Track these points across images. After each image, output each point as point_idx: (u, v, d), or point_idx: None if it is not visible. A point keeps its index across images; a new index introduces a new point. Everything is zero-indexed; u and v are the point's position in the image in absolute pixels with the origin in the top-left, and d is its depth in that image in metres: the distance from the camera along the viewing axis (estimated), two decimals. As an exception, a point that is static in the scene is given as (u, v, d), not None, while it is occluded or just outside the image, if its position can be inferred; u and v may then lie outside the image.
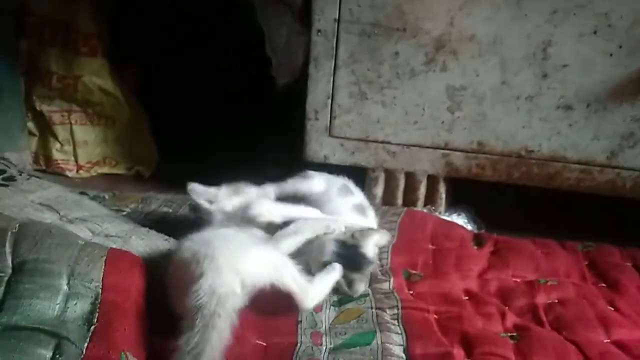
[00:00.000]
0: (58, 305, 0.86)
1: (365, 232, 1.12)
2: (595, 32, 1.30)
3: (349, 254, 1.08)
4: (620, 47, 1.30)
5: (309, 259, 1.08)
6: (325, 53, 1.41)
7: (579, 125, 1.38)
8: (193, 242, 0.96)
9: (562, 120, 1.38)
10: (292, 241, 1.07)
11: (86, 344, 0.81)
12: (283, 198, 1.18)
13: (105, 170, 1.83)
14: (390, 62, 1.39)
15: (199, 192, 1.16)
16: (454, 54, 1.37)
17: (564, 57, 1.34)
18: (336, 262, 1.06)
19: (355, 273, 1.09)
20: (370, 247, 1.11)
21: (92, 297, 0.89)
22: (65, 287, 0.89)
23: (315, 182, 1.24)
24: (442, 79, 1.39)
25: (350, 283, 1.08)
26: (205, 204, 1.15)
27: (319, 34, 1.39)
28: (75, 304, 0.87)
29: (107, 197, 1.50)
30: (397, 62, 1.39)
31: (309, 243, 1.09)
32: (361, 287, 1.10)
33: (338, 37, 1.39)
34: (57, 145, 1.77)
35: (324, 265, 1.07)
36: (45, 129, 1.76)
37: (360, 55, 1.40)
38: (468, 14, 1.33)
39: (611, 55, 1.31)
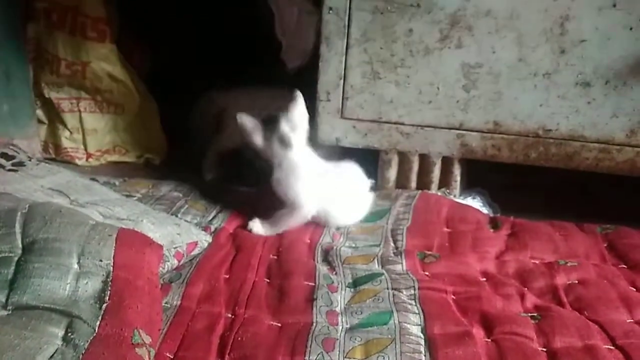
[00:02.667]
0: (69, 285, 0.85)
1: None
2: (614, 5, 1.26)
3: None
4: (641, 20, 1.27)
5: None
6: (337, 31, 1.38)
7: (597, 102, 1.34)
8: None
9: (580, 98, 1.35)
10: None
11: (98, 322, 0.80)
12: None
13: (115, 158, 1.82)
14: (404, 39, 1.36)
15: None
16: (469, 30, 1.33)
17: (582, 32, 1.30)
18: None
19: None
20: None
21: (103, 275, 0.87)
22: (76, 266, 0.88)
23: None
24: (457, 56, 1.36)
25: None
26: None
27: (331, 11, 1.36)
28: (87, 283, 0.86)
29: (117, 183, 1.49)
30: (411, 40, 1.36)
31: None
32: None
33: (350, 14, 1.36)
34: (67, 133, 1.76)
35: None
36: (54, 117, 1.75)
37: (373, 33, 1.37)
38: (484, -12, 1.30)
39: (631, 29, 1.27)
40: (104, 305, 0.83)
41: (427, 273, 1.14)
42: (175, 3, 1.80)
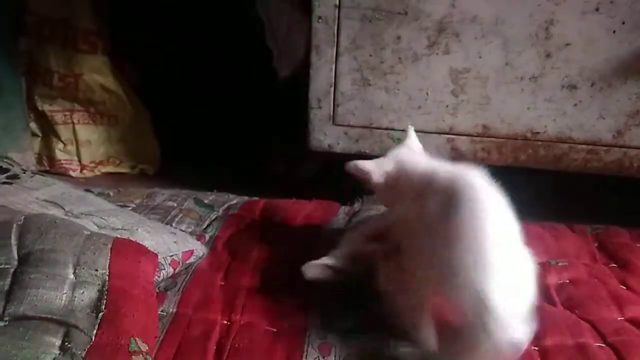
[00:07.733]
0: (65, 295, 0.86)
1: None
2: (597, 9, 1.29)
3: None
4: (624, 23, 1.29)
5: None
6: (326, 40, 1.40)
7: (584, 104, 1.36)
8: None
9: (567, 100, 1.37)
10: None
11: (95, 331, 0.81)
12: None
13: (109, 169, 1.83)
14: (393, 47, 1.38)
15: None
16: (456, 36, 1.35)
17: (566, 36, 1.32)
18: None
19: None
20: None
21: (99, 284, 0.88)
22: (72, 276, 0.89)
23: None
24: (445, 62, 1.38)
25: None
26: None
27: (320, 20, 1.38)
28: (82, 292, 0.87)
29: (111, 194, 1.50)
30: (399, 47, 1.38)
31: None
32: None
33: (339, 23, 1.38)
34: (60, 146, 1.77)
35: None
36: (48, 130, 1.77)
37: (362, 41, 1.39)
38: (470, -6, 1.32)
39: (614, 32, 1.30)
40: (101, 314, 0.83)
41: (420, 276, 1.15)
42: (165, 14, 1.81)
